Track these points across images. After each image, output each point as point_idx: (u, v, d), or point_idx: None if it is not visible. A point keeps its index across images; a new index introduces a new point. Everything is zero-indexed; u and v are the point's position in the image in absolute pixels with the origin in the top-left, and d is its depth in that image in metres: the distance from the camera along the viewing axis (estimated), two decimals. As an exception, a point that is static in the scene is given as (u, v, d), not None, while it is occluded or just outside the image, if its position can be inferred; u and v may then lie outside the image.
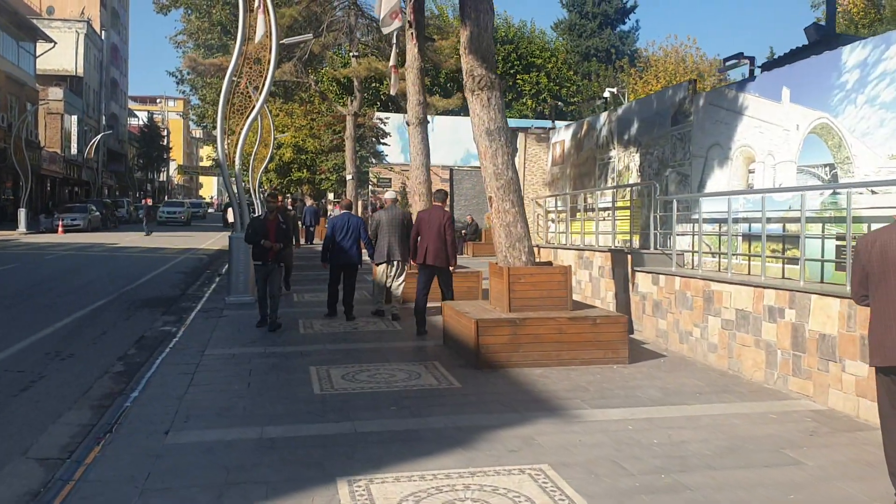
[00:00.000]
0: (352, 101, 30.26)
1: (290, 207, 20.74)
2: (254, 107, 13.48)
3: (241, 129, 13.72)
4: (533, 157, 14.78)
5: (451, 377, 7.33)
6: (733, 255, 8.56)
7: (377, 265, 10.92)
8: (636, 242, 10.99)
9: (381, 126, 35.45)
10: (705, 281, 8.21)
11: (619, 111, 12.08)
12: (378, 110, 38.44)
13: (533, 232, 14.97)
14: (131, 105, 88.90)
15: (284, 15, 21.55)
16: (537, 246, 14.43)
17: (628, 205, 11.32)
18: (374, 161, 37.77)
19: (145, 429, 5.68)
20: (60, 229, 36.71)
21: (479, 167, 8.67)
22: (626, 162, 11.66)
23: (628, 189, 11.57)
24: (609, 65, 47.63)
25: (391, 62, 14.55)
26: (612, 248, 11.05)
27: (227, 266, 20.30)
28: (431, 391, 6.85)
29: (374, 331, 10.17)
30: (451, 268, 9.61)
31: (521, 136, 14.85)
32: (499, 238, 8.57)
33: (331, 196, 53.39)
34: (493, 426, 5.70)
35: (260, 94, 13.46)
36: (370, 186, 39.65)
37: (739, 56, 13.56)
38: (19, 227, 36.19)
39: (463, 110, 36.41)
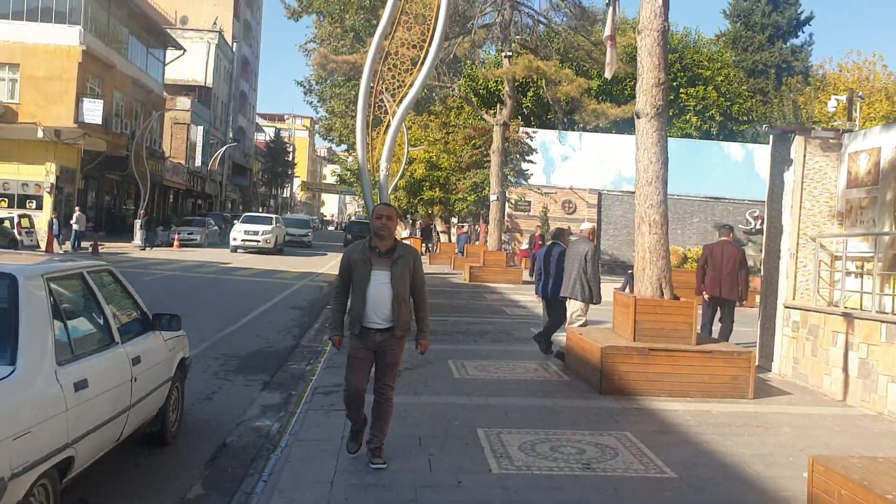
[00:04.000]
0: (500, 110, 25.95)
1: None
2: (396, 108, 9.71)
3: (386, 133, 10.22)
4: (814, 172, 9.76)
5: None
6: None
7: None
8: None
9: (528, 141, 30.87)
10: None
11: None
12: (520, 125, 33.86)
13: (802, 285, 9.93)
14: (259, 121, 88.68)
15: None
16: (806, 309, 9.42)
17: None
18: (513, 180, 33.09)
19: None
20: (176, 243, 34.11)
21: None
22: None
23: None
24: (778, 83, 41.59)
25: (607, 31, 9.93)
26: None
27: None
28: None
29: (622, 475, 5.44)
30: (738, 302, 10.50)
31: (796, 140, 9.83)
32: None
33: (454, 220, 49.27)
34: None
35: (412, 81, 9.32)
36: (506, 209, 35.11)
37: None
38: (134, 239, 33.50)
39: (617, 126, 31.44)
